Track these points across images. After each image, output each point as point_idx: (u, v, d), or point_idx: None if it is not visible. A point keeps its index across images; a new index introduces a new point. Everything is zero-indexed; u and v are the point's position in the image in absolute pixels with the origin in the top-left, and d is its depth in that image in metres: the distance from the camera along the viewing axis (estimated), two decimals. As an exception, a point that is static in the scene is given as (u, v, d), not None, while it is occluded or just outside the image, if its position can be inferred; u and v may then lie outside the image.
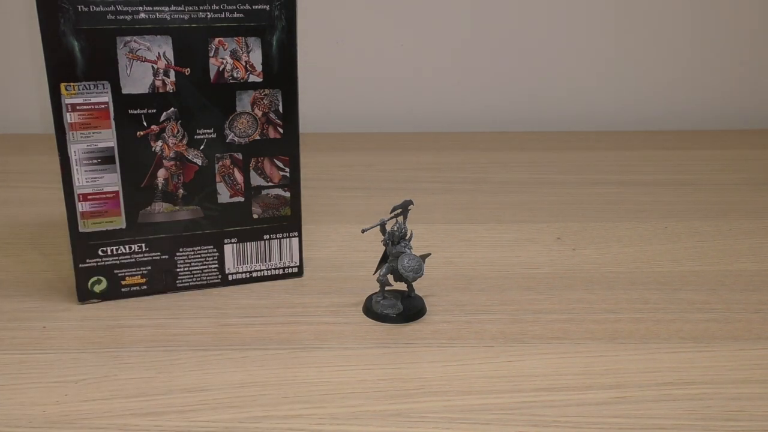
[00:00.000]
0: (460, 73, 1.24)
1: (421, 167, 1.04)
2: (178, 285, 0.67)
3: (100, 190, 0.63)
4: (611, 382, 0.55)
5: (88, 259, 0.64)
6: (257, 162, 0.66)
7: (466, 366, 0.57)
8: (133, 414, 0.51)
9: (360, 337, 0.61)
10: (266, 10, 0.62)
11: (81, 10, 0.58)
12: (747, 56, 1.26)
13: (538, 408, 0.52)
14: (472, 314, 0.65)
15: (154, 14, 0.59)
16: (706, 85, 1.27)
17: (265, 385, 0.55)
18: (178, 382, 0.55)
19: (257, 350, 0.59)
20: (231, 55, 0.62)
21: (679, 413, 0.52)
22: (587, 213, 0.88)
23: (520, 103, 1.26)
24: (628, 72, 1.26)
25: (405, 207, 0.63)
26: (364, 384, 0.55)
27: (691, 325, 0.63)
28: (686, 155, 1.10)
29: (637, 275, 0.72)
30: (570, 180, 0.99)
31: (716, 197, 0.93)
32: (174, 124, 0.63)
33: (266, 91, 0.64)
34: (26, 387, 0.54)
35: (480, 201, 0.91)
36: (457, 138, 1.18)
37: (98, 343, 0.60)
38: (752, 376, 0.56)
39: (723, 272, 0.73)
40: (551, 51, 1.23)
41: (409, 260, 0.62)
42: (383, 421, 0.51)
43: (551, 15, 1.21)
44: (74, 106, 0.60)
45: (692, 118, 1.29)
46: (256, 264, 0.69)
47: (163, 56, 0.60)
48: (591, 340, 0.61)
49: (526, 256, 0.76)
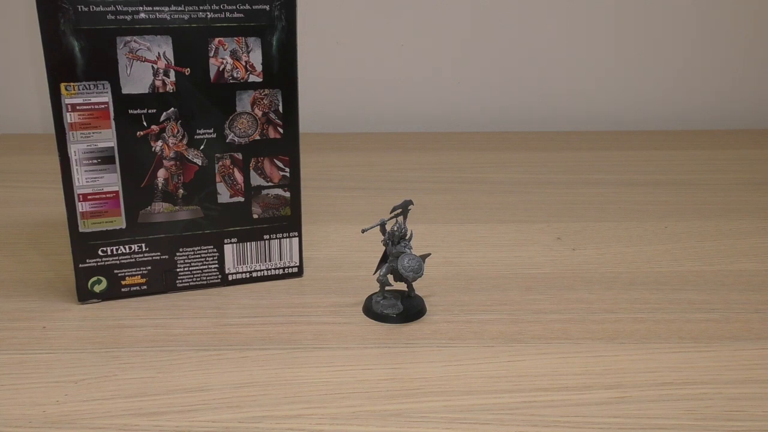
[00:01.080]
0: (460, 73, 1.24)
1: (421, 167, 1.04)
2: (178, 285, 0.67)
3: (100, 190, 0.63)
4: (611, 382, 0.55)
5: (88, 259, 0.64)
6: (257, 162, 0.66)
7: (466, 366, 0.57)
8: (133, 414, 0.51)
9: (360, 337, 0.61)
10: (266, 10, 0.62)
11: (81, 10, 0.58)
12: (747, 56, 1.26)
13: (538, 408, 0.52)
14: (472, 314, 0.65)
15: (154, 14, 0.59)
16: (705, 85, 1.27)
17: (265, 385, 0.55)
18: (178, 382, 0.55)
19: (257, 350, 0.59)
20: (231, 55, 0.62)
21: (679, 413, 0.52)
22: (587, 213, 0.88)
23: (520, 103, 1.26)
24: (628, 72, 1.26)
25: (405, 207, 0.63)
26: (364, 384, 0.55)
27: (691, 325, 0.63)
28: (686, 155, 1.10)
29: (637, 275, 0.72)
30: (570, 180, 0.99)
31: (716, 197, 0.93)
32: (174, 124, 0.63)
33: (266, 91, 0.64)
34: (26, 387, 0.54)
35: (480, 201, 0.91)
36: (457, 138, 1.18)
37: (98, 343, 0.60)
38: (752, 376, 0.56)
39: (723, 272, 0.73)
40: (551, 51, 1.23)
41: (409, 260, 0.62)
42: (383, 421, 0.51)
43: (551, 15, 1.21)
44: (74, 106, 0.60)
45: (692, 118, 1.29)
46: (256, 264, 0.69)
47: (163, 56, 0.60)
48: (591, 340, 0.61)
49: (526, 256, 0.76)
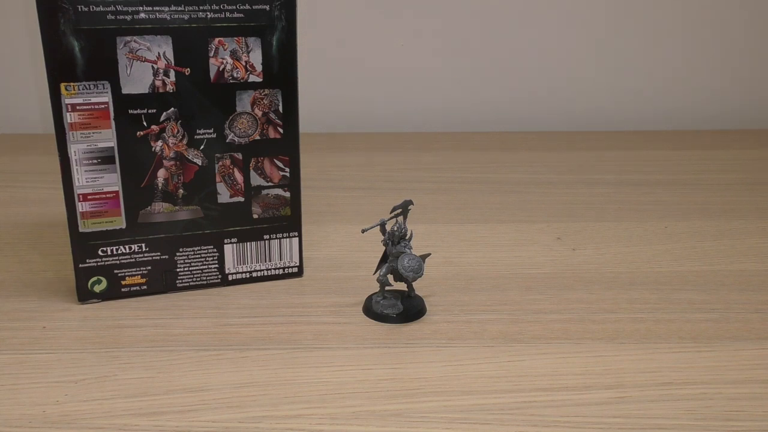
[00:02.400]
0: (460, 73, 1.24)
1: (421, 167, 1.04)
2: (178, 285, 0.67)
3: (100, 190, 0.63)
4: (611, 382, 0.55)
5: (88, 259, 0.64)
6: (257, 162, 0.66)
7: (466, 366, 0.57)
8: (133, 414, 0.51)
9: (360, 337, 0.61)
10: (266, 10, 0.62)
11: (81, 10, 0.58)
12: (747, 56, 1.26)
13: (538, 408, 0.52)
14: (472, 314, 0.65)
15: (154, 14, 0.59)
16: (705, 85, 1.27)
17: (265, 385, 0.55)
18: (178, 382, 0.55)
19: (257, 350, 0.59)
20: (231, 55, 0.62)
21: (679, 413, 0.52)
22: (587, 213, 0.88)
23: (520, 103, 1.26)
24: (627, 72, 1.26)
25: (405, 207, 0.63)
26: (364, 384, 0.55)
27: (691, 325, 0.63)
28: (686, 155, 1.10)
29: (637, 275, 0.72)
30: (570, 180, 0.99)
31: (716, 197, 0.93)
32: (174, 124, 0.63)
33: (266, 91, 0.64)
34: (26, 387, 0.54)
35: (480, 201, 0.91)
36: (457, 138, 1.18)
37: (98, 343, 0.60)
38: (752, 376, 0.56)
39: (723, 272, 0.73)
40: (551, 51, 1.23)
41: (409, 260, 0.62)
42: (383, 421, 0.51)
43: (551, 15, 1.21)
44: (74, 106, 0.60)
45: (692, 118, 1.29)
46: (256, 264, 0.69)
47: (163, 56, 0.60)
48: (591, 340, 0.61)
49: (526, 256, 0.76)
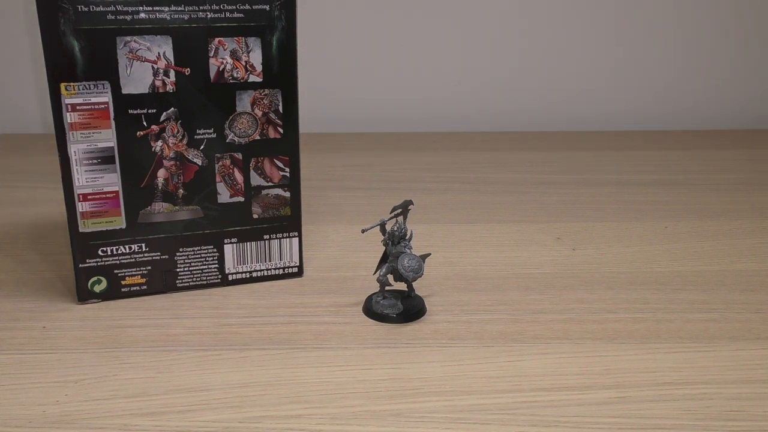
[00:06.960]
0: (460, 73, 1.24)
1: (421, 167, 1.04)
2: (178, 285, 0.67)
3: (100, 190, 0.63)
4: (611, 382, 0.55)
5: (88, 259, 0.64)
6: (257, 162, 0.66)
7: (466, 366, 0.57)
8: (133, 414, 0.51)
9: (360, 337, 0.61)
10: (266, 10, 0.62)
11: (81, 10, 0.58)
12: (746, 56, 1.26)
13: (538, 408, 0.52)
14: (472, 314, 0.65)
15: (154, 14, 0.59)
16: (705, 85, 1.27)
17: (265, 385, 0.55)
18: (178, 382, 0.55)
19: (257, 350, 0.59)
20: (231, 55, 0.62)
21: (679, 413, 0.52)
22: (587, 213, 0.88)
23: (521, 103, 1.26)
24: (628, 72, 1.26)
25: (405, 207, 0.63)
26: (364, 384, 0.55)
27: (691, 325, 0.63)
28: (686, 155, 1.10)
29: (637, 275, 0.72)
30: (570, 180, 0.99)
31: (716, 197, 0.93)
32: (174, 124, 0.63)
33: (266, 91, 0.64)
34: (26, 387, 0.54)
35: (480, 201, 0.91)
36: (457, 138, 1.18)
37: (98, 343, 0.60)
38: (752, 376, 0.56)
39: (723, 272, 0.73)
40: (551, 51, 1.23)
41: (409, 260, 0.62)
42: (383, 421, 0.51)
43: (551, 15, 1.21)
44: (74, 106, 0.60)
45: (692, 118, 1.29)
46: (256, 264, 0.69)
47: (163, 56, 0.60)
48: (591, 340, 0.61)
49: (526, 256, 0.76)
